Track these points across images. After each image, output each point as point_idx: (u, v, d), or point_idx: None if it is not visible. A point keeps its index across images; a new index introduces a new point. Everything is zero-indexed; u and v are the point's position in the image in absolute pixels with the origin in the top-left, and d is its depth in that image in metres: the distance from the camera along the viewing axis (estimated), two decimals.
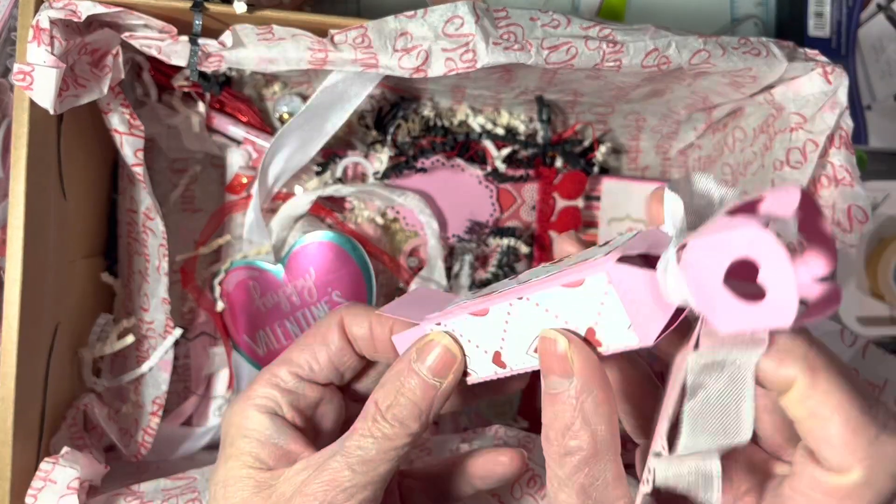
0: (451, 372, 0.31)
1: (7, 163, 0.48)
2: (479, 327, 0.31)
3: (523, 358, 0.30)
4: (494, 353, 0.31)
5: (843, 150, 0.44)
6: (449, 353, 0.31)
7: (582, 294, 0.27)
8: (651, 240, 0.27)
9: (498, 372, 0.31)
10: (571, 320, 0.28)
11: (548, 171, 0.56)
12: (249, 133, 0.53)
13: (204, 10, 0.41)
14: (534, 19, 0.40)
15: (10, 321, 0.40)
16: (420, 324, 0.32)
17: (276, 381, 0.34)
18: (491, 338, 0.31)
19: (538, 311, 0.29)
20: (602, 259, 0.26)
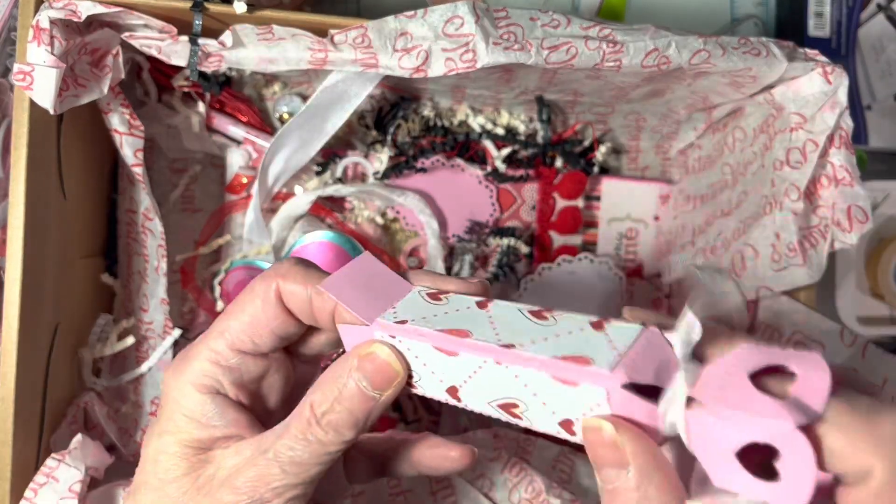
0: (391, 386, 0.30)
1: (7, 163, 0.48)
2: (442, 362, 0.29)
3: (482, 405, 0.29)
4: (451, 385, 0.29)
5: (843, 150, 0.44)
6: (391, 368, 0.30)
7: (572, 393, 0.25)
8: (657, 357, 0.25)
9: (449, 400, 0.30)
10: (550, 405, 0.26)
11: (548, 171, 0.56)
12: (249, 133, 0.53)
13: (204, 10, 0.41)
14: (534, 19, 0.40)
15: (11, 321, 0.40)
16: (369, 325, 0.30)
17: (216, 359, 0.31)
18: (452, 374, 0.29)
19: (515, 381, 0.27)
20: (604, 372, 0.24)
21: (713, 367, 0.24)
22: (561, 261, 0.55)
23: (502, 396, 0.28)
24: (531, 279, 0.55)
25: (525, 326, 0.28)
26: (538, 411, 0.27)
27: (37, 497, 0.39)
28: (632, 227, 0.58)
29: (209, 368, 0.31)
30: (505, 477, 0.44)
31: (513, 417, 0.28)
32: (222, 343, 0.31)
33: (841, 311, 0.62)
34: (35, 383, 0.42)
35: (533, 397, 0.27)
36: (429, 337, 0.29)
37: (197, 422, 0.31)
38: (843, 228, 0.44)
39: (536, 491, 0.42)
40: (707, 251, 0.51)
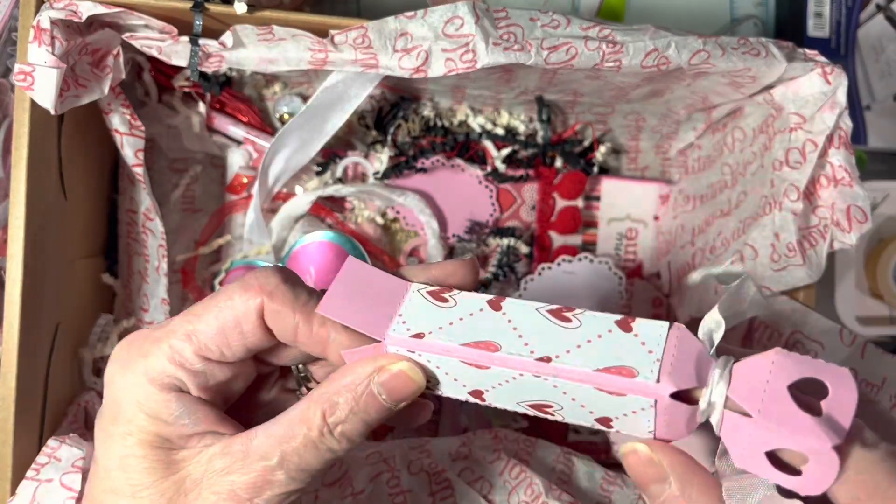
0: (410, 397, 0.29)
1: (8, 163, 0.48)
2: (469, 373, 0.29)
3: (510, 404, 0.29)
4: (475, 389, 0.29)
5: (842, 150, 0.44)
6: (412, 380, 0.29)
7: (616, 400, 0.27)
8: (691, 356, 0.27)
9: (471, 400, 0.30)
10: (590, 406, 0.27)
11: (547, 171, 0.56)
12: (250, 133, 0.53)
13: (204, 10, 0.41)
14: (533, 20, 0.40)
15: (11, 321, 0.40)
16: (382, 342, 0.29)
17: (179, 361, 0.29)
18: (478, 382, 0.29)
19: (554, 390, 0.28)
20: (652, 385, 0.26)
21: (744, 367, 0.26)
22: (561, 261, 0.55)
23: (535, 399, 0.28)
24: (531, 279, 0.55)
25: (551, 332, 0.28)
26: (574, 412, 0.28)
27: (39, 475, 0.38)
28: (631, 227, 0.58)
29: (171, 370, 0.29)
30: (504, 479, 0.44)
31: (544, 415, 0.29)
32: (188, 348, 0.29)
33: (840, 311, 0.62)
34: (36, 383, 0.42)
35: (571, 402, 0.28)
36: (455, 352, 0.28)
37: (163, 421, 0.29)
38: (843, 228, 0.44)
39: (535, 493, 0.42)
40: (706, 251, 0.52)
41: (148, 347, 0.30)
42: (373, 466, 0.44)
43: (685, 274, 0.54)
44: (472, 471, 0.44)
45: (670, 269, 0.56)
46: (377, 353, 0.30)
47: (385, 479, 0.43)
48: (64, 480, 0.37)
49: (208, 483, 0.29)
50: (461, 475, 0.44)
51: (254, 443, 0.29)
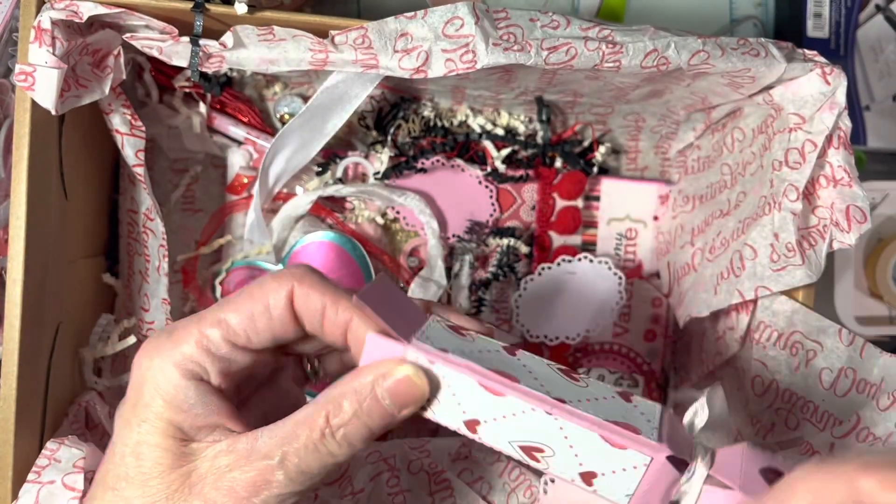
0: (414, 406, 0.30)
1: (9, 163, 0.48)
2: (478, 398, 0.29)
3: (503, 443, 0.30)
4: (473, 419, 0.30)
5: (841, 151, 0.44)
6: (418, 389, 0.30)
7: (614, 453, 0.29)
8: (680, 436, 0.30)
9: (461, 430, 0.30)
10: (582, 457, 0.29)
11: (547, 171, 0.56)
12: (250, 133, 0.53)
13: (205, 10, 0.41)
14: (533, 20, 0.41)
15: (12, 321, 0.40)
16: (404, 345, 0.30)
17: (206, 345, 0.30)
18: (482, 410, 0.30)
19: (557, 432, 0.29)
20: (653, 443, 0.29)
21: (725, 454, 0.30)
22: (560, 261, 0.55)
23: (530, 440, 0.29)
24: (531, 279, 0.55)
25: (563, 383, 0.30)
26: (564, 460, 0.29)
27: (41, 477, 0.38)
28: (631, 227, 0.58)
29: (197, 354, 0.30)
30: (504, 480, 0.44)
31: (530, 459, 0.30)
32: (217, 333, 0.30)
33: (839, 311, 0.62)
34: (36, 383, 0.42)
35: (568, 448, 0.29)
36: (477, 373, 0.29)
37: (177, 407, 0.30)
38: (842, 228, 0.44)
39: (535, 496, 0.42)
40: (706, 251, 0.52)
41: (179, 334, 0.31)
42: (373, 466, 0.44)
43: (685, 274, 0.54)
44: (472, 472, 0.44)
45: (670, 269, 0.56)
46: (393, 356, 0.30)
47: (385, 478, 0.43)
48: (66, 481, 0.37)
49: (212, 479, 0.30)
50: (461, 476, 0.44)
51: (258, 442, 0.30)
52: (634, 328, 0.58)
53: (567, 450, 0.29)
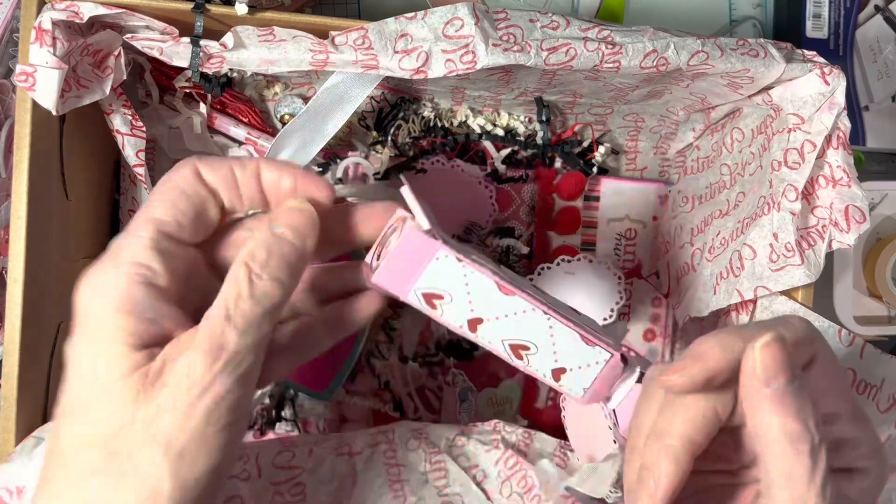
0: (305, 226, 0.32)
1: (10, 163, 0.48)
2: (491, 296, 0.34)
3: (496, 340, 0.35)
4: (478, 317, 0.34)
5: (840, 151, 0.44)
6: (299, 209, 0.32)
7: (585, 350, 0.36)
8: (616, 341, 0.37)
9: (462, 329, 0.35)
10: (559, 354, 0.36)
11: (547, 171, 0.56)
12: (251, 133, 0.53)
13: (205, 11, 0.41)
14: (533, 21, 0.41)
15: (13, 321, 0.40)
16: (440, 243, 0.34)
17: (144, 243, 0.30)
18: (489, 308, 0.34)
19: (546, 330, 0.35)
20: (611, 344, 0.36)
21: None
22: (560, 261, 0.55)
23: (520, 338, 0.35)
24: (530, 279, 0.55)
25: (546, 296, 0.36)
26: (543, 357, 0.35)
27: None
28: (630, 227, 0.58)
29: (140, 255, 0.30)
30: (499, 468, 0.44)
31: (515, 358, 0.35)
32: (150, 227, 0.30)
33: (838, 311, 0.63)
34: (38, 382, 0.42)
35: (550, 345, 0.35)
36: (494, 275, 0.34)
37: (129, 312, 0.29)
38: (841, 228, 0.45)
39: (529, 485, 0.43)
40: (705, 251, 0.52)
41: (115, 249, 0.30)
42: (372, 436, 0.45)
43: (684, 274, 0.54)
44: (468, 458, 0.45)
45: (669, 270, 0.56)
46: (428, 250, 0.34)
47: (382, 449, 0.45)
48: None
49: (170, 365, 0.29)
50: (457, 461, 0.44)
51: (200, 324, 0.29)
52: (634, 328, 0.58)
53: (549, 347, 0.35)
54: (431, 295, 0.34)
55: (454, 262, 0.34)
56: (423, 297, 0.34)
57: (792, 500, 0.28)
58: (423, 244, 0.33)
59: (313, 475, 0.43)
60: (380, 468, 0.44)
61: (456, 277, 0.34)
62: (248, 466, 0.41)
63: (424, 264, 0.34)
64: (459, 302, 0.34)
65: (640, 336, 0.58)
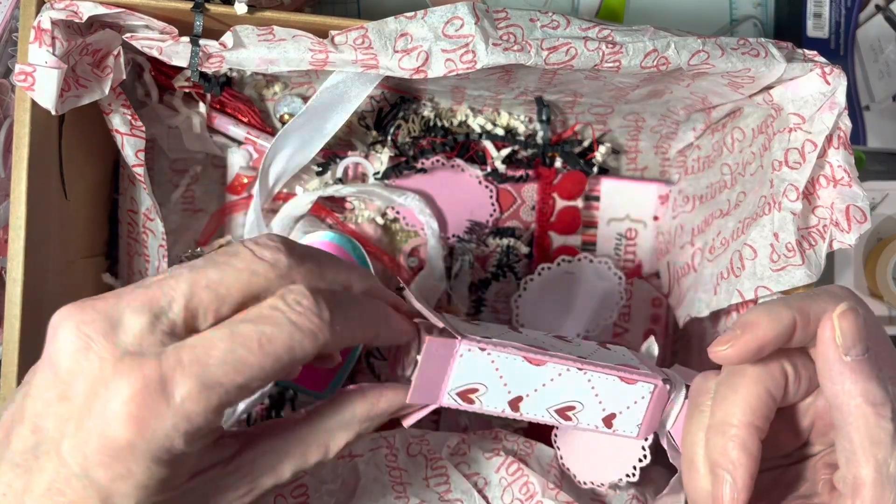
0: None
1: (8, 163, 0.48)
2: (524, 372, 0.34)
3: (541, 411, 0.35)
4: (517, 396, 0.35)
5: (841, 151, 0.44)
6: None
7: (629, 390, 0.36)
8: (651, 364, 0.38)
9: (506, 411, 0.35)
10: (605, 402, 0.36)
11: (547, 171, 0.56)
12: (250, 133, 0.53)
13: (205, 11, 0.41)
14: (533, 20, 0.41)
15: (12, 321, 0.40)
16: (458, 340, 0.34)
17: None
18: (525, 384, 0.35)
19: (586, 385, 0.35)
20: (650, 374, 0.37)
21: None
22: (560, 261, 0.55)
23: (564, 401, 0.35)
24: (531, 279, 0.55)
25: (569, 346, 0.37)
26: (591, 409, 0.36)
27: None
28: (631, 227, 0.58)
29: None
30: (501, 475, 0.44)
31: (564, 419, 0.36)
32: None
33: None
34: None
35: (594, 397, 0.35)
36: (521, 350, 0.35)
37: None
38: (842, 228, 0.44)
39: (531, 492, 0.43)
40: (706, 251, 0.52)
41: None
42: (372, 440, 0.45)
43: (684, 274, 0.54)
44: (469, 465, 0.45)
45: (669, 269, 0.56)
46: (452, 350, 0.34)
47: (383, 453, 0.45)
48: None
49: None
50: (458, 468, 0.44)
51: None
52: (634, 328, 0.58)
53: (593, 400, 0.35)
54: (466, 392, 0.34)
55: (478, 352, 0.34)
56: (458, 396, 0.34)
57: (878, 465, 0.28)
58: (443, 347, 0.33)
59: (315, 477, 0.43)
60: (382, 470, 0.44)
61: (484, 366, 0.34)
62: None
63: (450, 366, 0.33)
64: (495, 388, 0.34)
65: (641, 336, 0.58)
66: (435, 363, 0.33)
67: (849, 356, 0.28)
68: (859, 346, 0.28)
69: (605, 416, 0.36)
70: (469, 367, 0.34)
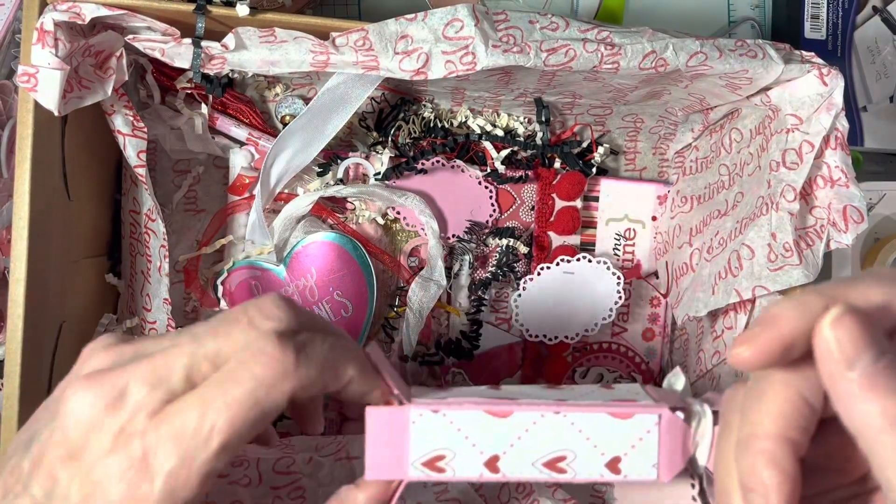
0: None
1: (11, 163, 0.48)
2: (490, 428, 0.31)
3: (526, 467, 0.31)
4: (492, 455, 0.31)
5: (838, 151, 0.45)
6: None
7: (626, 426, 0.31)
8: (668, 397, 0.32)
9: (484, 475, 0.31)
10: (601, 445, 0.31)
11: (547, 171, 0.56)
12: (252, 134, 0.53)
13: (207, 12, 0.42)
14: (532, 22, 0.41)
15: (15, 320, 0.40)
16: (406, 406, 0.31)
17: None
18: (497, 441, 0.31)
19: (570, 429, 0.31)
20: (652, 404, 0.31)
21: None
22: (559, 261, 0.55)
23: (549, 451, 0.31)
24: (530, 279, 0.55)
25: (552, 393, 0.32)
26: (587, 457, 0.31)
27: None
28: (629, 227, 0.58)
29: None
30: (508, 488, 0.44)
31: (557, 473, 0.31)
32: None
33: None
34: (40, 382, 0.42)
35: (585, 441, 0.31)
36: (480, 404, 0.31)
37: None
38: (839, 229, 0.45)
39: (528, 490, 0.43)
40: (704, 251, 0.52)
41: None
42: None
43: (683, 274, 0.54)
44: None
45: (668, 269, 0.56)
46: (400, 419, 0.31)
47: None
48: None
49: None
50: None
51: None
52: (633, 328, 0.58)
53: (584, 443, 0.31)
54: (432, 460, 0.31)
55: (432, 416, 0.31)
56: (424, 467, 0.31)
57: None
58: (391, 415, 0.31)
59: (312, 479, 0.43)
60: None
61: (444, 429, 0.31)
62: (249, 472, 0.41)
63: (407, 436, 0.31)
64: (464, 452, 0.31)
65: (640, 336, 0.58)
66: (387, 434, 0.31)
67: (854, 371, 0.23)
68: (867, 355, 0.23)
69: (607, 461, 0.31)
70: (428, 434, 0.31)
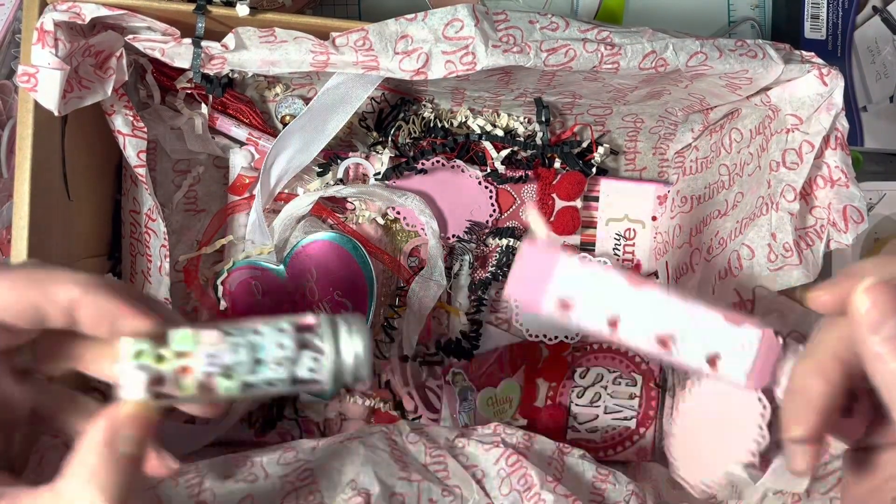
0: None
1: (11, 163, 0.48)
2: (622, 292, 0.34)
3: (638, 336, 0.34)
4: (615, 315, 0.34)
5: (838, 151, 0.45)
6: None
7: (734, 332, 0.34)
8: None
9: (602, 330, 0.35)
10: (708, 340, 0.34)
11: (546, 171, 0.56)
12: (252, 134, 0.53)
13: (207, 12, 0.42)
14: (532, 22, 0.41)
15: None
16: (558, 249, 0.35)
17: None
18: (623, 305, 0.34)
19: (687, 317, 0.34)
20: (760, 323, 0.34)
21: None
22: None
23: (664, 328, 0.34)
24: None
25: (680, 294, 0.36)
26: (692, 343, 0.34)
27: None
28: (629, 227, 0.58)
29: None
30: (499, 467, 0.44)
31: (663, 349, 0.35)
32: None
33: None
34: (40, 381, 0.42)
35: (696, 331, 0.34)
36: (622, 272, 0.35)
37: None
38: (839, 229, 0.45)
39: (529, 483, 0.43)
40: (704, 251, 0.52)
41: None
42: (371, 428, 0.46)
43: (683, 274, 0.54)
44: (468, 457, 0.45)
45: (668, 269, 0.56)
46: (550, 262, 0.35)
47: (385, 437, 0.45)
48: None
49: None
50: (456, 459, 0.45)
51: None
52: None
53: (695, 332, 0.34)
54: (565, 301, 0.35)
55: (577, 264, 0.35)
56: (557, 302, 0.35)
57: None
58: (543, 253, 0.35)
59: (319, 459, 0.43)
60: (385, 446, 0.44)
61: (585, 279, 0.34)
62: (256, 471, 0.42)
63: (551, 272, 0.35)
64: (593, 304, 0.35)
65: None
66: (535, 268, 0.35)
67: (878, 335, 0.26)
68: (892, 321, 0.26)
69: (709, 354, 0.34)
70: (569, 279, 0.34)
